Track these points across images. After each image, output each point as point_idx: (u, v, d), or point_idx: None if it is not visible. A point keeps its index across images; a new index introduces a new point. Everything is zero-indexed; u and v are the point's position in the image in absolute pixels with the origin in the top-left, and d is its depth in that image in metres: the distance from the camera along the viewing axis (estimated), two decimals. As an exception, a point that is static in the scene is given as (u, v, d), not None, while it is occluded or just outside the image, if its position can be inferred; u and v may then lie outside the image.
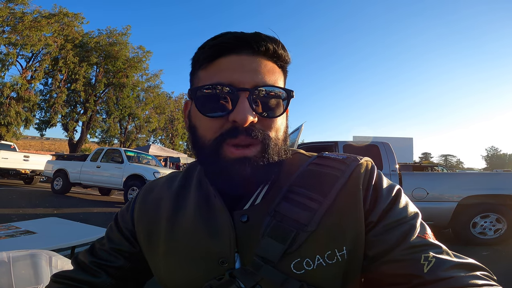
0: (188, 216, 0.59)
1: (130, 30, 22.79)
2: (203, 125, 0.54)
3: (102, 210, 7.48)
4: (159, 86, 26.58)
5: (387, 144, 6.18)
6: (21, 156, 11.98)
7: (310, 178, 0.56)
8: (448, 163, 77.52)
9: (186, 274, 0.55)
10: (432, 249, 0.48)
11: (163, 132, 31.15)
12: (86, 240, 2.09)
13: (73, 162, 10.33)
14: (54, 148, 44.57)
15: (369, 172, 0.56)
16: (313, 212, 0.51)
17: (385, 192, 0.54)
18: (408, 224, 0.50)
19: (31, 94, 19.33)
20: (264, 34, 0.54)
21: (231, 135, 0.51)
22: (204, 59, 0.54)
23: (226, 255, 0.53)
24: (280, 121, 0.56)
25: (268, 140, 0.53)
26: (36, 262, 0.95)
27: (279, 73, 0.56)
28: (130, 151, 10.31)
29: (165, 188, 0.67)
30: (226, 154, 0.52)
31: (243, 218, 0.54)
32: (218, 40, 0.53)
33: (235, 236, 0.53)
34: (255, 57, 0.53)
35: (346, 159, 0.58)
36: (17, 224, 2.27)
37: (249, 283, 0.49)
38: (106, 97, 23.36)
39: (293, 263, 0.49)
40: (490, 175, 5.60)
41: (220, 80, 0.51)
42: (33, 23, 18.41)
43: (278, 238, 0.50)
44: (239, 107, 0.50)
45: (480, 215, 4.51)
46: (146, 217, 0.64)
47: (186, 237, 0.57)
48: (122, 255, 0.65)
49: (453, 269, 0.45)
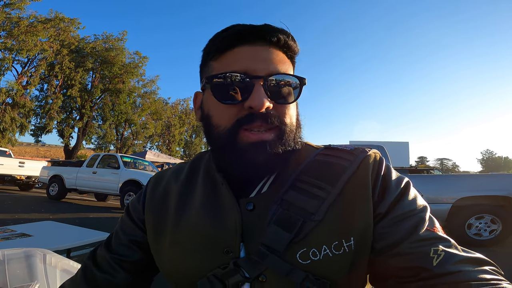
0: (195, 205, 0.59)
1: (126, 36, 22.87)
2: (219, 113, 0.55)
3: (99, 216, 7.42)
4: (155, 92, 26.59)
5: (382, 148, 6.22)
6: (16, 162, 11.86)
7: (318, 168, 0.56)
8: (444, 166, 77.82)
9: (191, 263, 0.55)
10: (441, 242, 0.47)
11: (159, 138, 30.99)
12: (82, 242, 2.08)
13: (69, 168, 10.26)
14: (50, 154, 44.19)
15: (378, 164, 0.56)
16: (321, 201, 0.51)
17: (394, 183, 0.54)
18: (417, 217, 0.50)
19: (27, 100, 19.26)
20: (275, 26, 0.56)
21: (247, 121, 0.51)
22: (217, 50, 0.55)
23: (231, 244, 0.52)
24: (293, 108, 0.57)
25: (284, 125, 0.54)
26: (31, 260, 0.96)
27: (288, 63, 0.57)
28: (126, 157, 10.25)
29: (173, 178, 0.67)
30: (243, 139, 0.52)
31: (249, 206, 0.54)
32: (231, 31, 0.55)
33: (241, 225, 0.53)
34: (267, 47, 0.54)
35: (354, 150, 0.58)
36: (12, 227, 2.26)
37: (253, 273, 0.49)
38: (102, 103, 23.28)
39: (299, 253, 0.49)
40: (484, 176, 5.65)
41: (235, 69, 0.52)
42: (29, 28, 18.38)
43: (284, 227, 0.50)
44: (254, 93, 0.51)
45: (474, 216, 4.53)
46: (154, 207, 0.64)
47: (192, 226, 0.57)
48: (138, 246, 0.64)
49: (461, 263, 0.45)
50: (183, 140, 34.37)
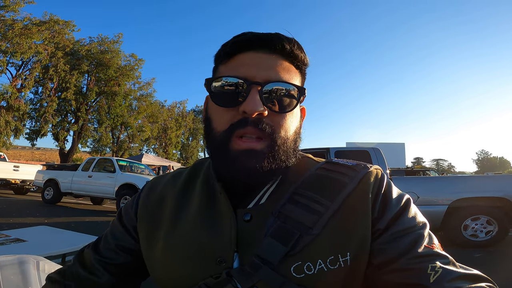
0: (191, 212, 0.59)
1: (122, 38, 22.77)
2: (217, 117, 0.55)
3: (94, 219, 7.38)
4: (151, 95, 26.45)
5: (377, 149, 6.27)
6: (11, 166, 11.81)
7: (318, 182, 0.55)
8: (439, 167, 78.39)
9: (183, 271, 0.54)
10: (439, 259, 0.47)
11: (156, 141, 30.88)
12: (76, 248, 2.06)
13: (64, 172, 10.17)
14: (45, 158, 43.92)
15: (379, 180, 0.55)
16: (319, 216, 0.51)
17: (395, 200, 0.54)
18: (416, 234, 0.50)
19: (21, 103, 19.11)
20: (282, 34, 0.56)
21: (240, 125, 0.52)
22: (225, 55, 0.57)
23: (225, 254, 0.52)
24: (290, 119, 0.55)
25: (276, 136, 0.53)
26: (24, 267, 0.95)
27: (295, 73, 0.57)
28: (122, 161, 10.21)
29: (170, 185, 0.67)
30: (234, 146, 0.52)
31: (246, 216, 0.54)
32: (239, 38, 0.56)
33: (236, 235, 0.52)
34: (271, 55, 0.54)
35: (356, 166, 0.57)
36: (7, 233, 2.24)
37: (246, 284, 0.48)
38: (98, 106, 23.15)
39: (293, 266, 0.48)
40: (479, 178, 5.69)
41: (236, 74, 0.53)
42: (23, 31, 18.21)
43: (280, 239, 0.49)
44: (249, 98, 0.51)
45: (471, 218, 4.56)
46: (148, 213, 0.64)
47: (186, 233, 0.57)
48: (125, 251, 0.64)
49: (458, 279, 0.45)
50: (180, 143, 34.31)
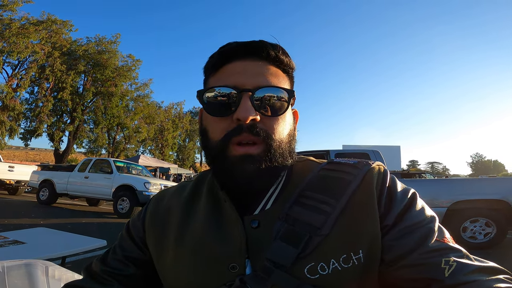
0: (199, 222, 0.59)
1: (120, 38, 22.62)
2: (212, 127, 0.57)
3: (91, 221, 7.31)
4: (148, 96, 26.23)
5: (377, 152, 6.28)
6: (5, 166, 11.69)
7: (322, 183, 0.56)
8: (434, 170, 78.93)
9: (195, 280, 0.54)
10: (453, 253, 0.47)
11: (152, 142, 30.72)
12: (76, 250, 2.04)
13: (59, 173, 10.09)
14: (39, 158, 43.54)
15: (382, 176, 0.55)
16: (327, 215, 0.51)
17: (400, 195, 0.53)
18: (426, 228, 0.49)
19: (17, 103, 18.86)
20: (266, 41, 0.58)
21: (235, 133, 0.53)
22: (213, 67, 0.59)
23: (237, 261, 0.52)
24: (283, 122, 0.57)
25: (270, 140, 0.54)
26: (31, 271, 0.92)
27: (283, 77, 0.59)
28: (119, 162, 10.15)
29: (176, 196, 0.67)
30: (231, 153, 0.54)
31: (254, 223, 0.54)
32: (224, 48, 0.58)
33: (246, 242, 0.53)
34: (258, 62, 0.56)
35: (358, 163, 0.57)
36: (4, 234, 2.20)
37: None
38: (94, 107, 22.93)
39: (306, 268, 0.48)
40: (478, 180, 5.74)
41: (226, 84, 0.55)
42: (20, 30, 18.01)
43: (290, 242, 0.49)
44: (241, 106, 0.53)
45: (469, 220, 4.60)
46: (156, 224, 0.64)
47: (196, 243, 0.57)
48: (133, 263, 0.65)
49: (475, 273, 0.44)
50: (176, 145, 34.20)
